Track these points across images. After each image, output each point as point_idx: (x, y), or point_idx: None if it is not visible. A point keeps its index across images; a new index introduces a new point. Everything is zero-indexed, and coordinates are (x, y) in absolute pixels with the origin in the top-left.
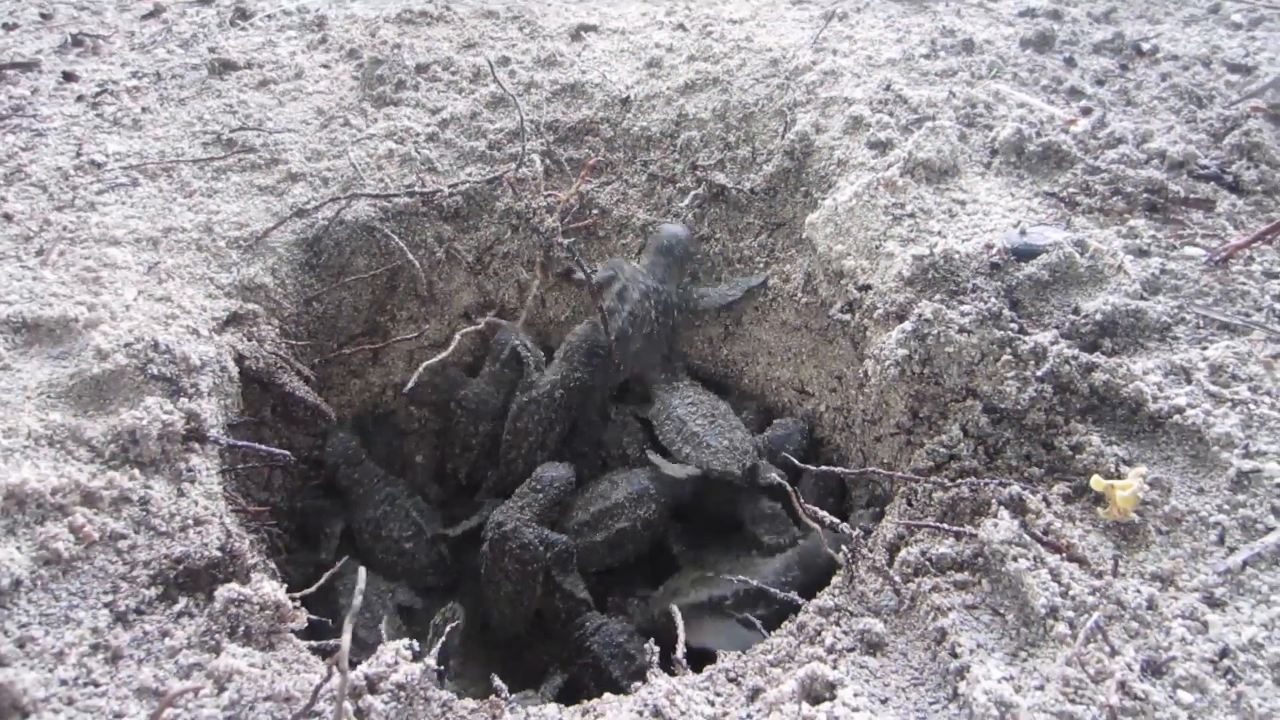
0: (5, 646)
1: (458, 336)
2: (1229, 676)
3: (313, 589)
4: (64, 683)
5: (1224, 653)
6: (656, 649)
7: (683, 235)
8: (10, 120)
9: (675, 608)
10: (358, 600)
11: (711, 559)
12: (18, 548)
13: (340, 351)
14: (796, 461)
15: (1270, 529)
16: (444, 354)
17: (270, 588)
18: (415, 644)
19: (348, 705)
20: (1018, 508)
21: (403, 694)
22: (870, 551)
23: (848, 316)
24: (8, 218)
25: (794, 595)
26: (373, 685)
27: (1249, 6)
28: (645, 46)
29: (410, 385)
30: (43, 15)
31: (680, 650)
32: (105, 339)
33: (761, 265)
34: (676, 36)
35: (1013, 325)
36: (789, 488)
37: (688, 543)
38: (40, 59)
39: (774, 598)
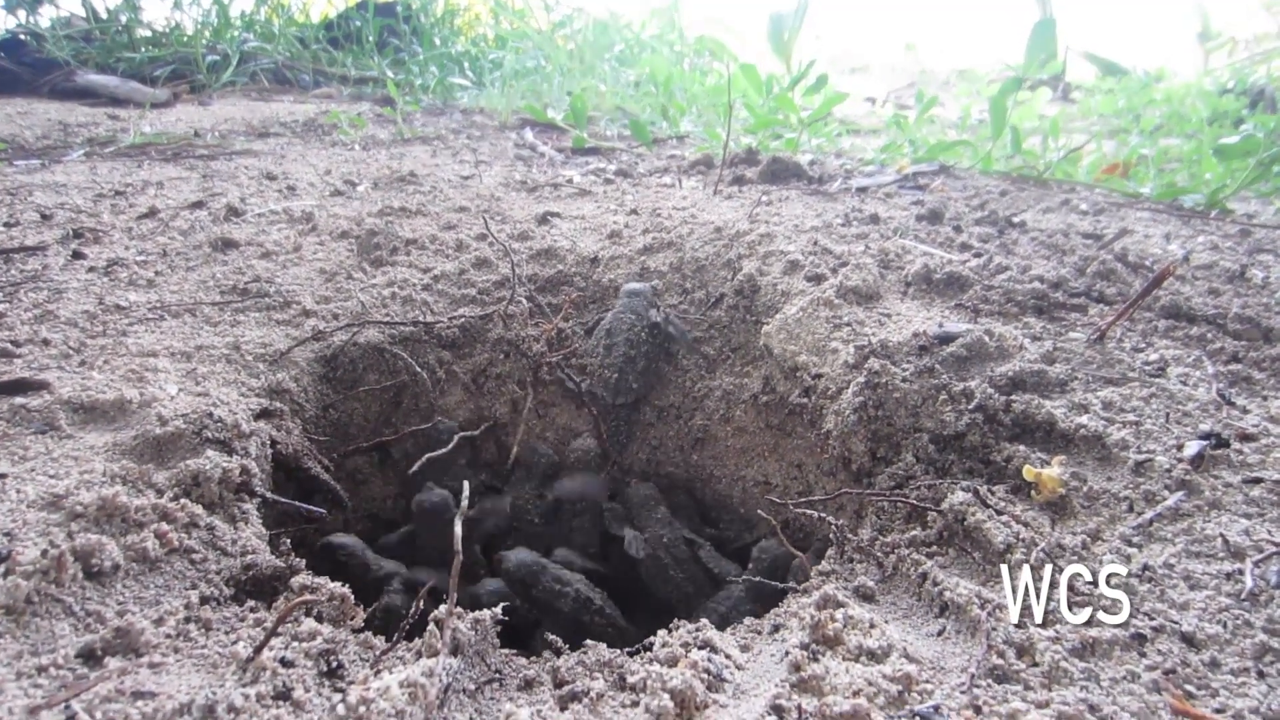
0: (110, 612)
1: (456, 438)
2: (1152, 583)
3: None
4: (169, 635)
5: (1146, 568)
6: None
7: (645, 285)
8: (27, 285)
9: None
10: (465, 504)
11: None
12: (114, 545)
13: (359, 446)
14: (775, 499)
15: (1165, 499)
16: (443, 450)
17: (335, 585)
18: None
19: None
20: (971, 493)
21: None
22: (854, 535)
23: (806, 400)
24: (46, 343)
25: None
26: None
27: (1091, 200)
28: (605, 224)
29: (414, 469)
30: (41, 215)
31: None
32: (164, 409)
33: (725, 371)
34: (630, 219)
35: (944, 377)
36: (773, 522)
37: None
38: (47, 244)
39: None
